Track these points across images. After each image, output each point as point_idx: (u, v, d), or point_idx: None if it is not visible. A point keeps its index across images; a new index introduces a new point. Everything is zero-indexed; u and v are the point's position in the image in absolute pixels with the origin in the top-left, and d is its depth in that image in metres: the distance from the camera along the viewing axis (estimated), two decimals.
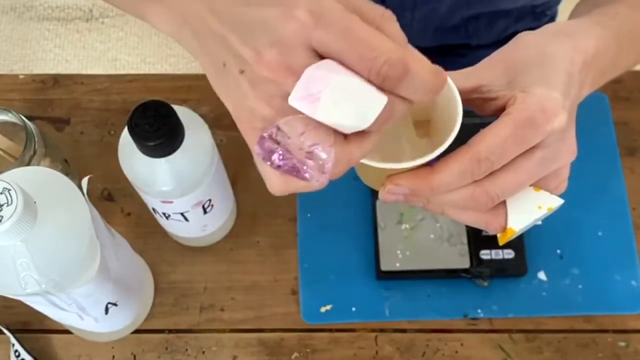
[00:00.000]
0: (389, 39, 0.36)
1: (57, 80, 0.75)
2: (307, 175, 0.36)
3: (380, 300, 0.66)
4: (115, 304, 0.58)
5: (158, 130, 0.50)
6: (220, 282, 0.68)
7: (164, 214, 0.60)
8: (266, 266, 0.68)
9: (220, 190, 0.62)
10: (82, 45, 1.70)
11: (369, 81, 0.35)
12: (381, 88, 0.35)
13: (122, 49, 1.69)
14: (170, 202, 0.57)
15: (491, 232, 0.47)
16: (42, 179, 0.50)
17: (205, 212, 0.61)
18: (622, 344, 0.65)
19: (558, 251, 0.68)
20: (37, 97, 0.75)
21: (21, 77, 0.76)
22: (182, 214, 0.59)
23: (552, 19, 0.89)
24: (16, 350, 0.64)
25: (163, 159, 0.52)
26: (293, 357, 0.65)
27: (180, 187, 0.55)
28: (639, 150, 0.72)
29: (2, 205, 0.43)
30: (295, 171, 0.36)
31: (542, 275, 0.67)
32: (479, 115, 0.49)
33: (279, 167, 0.36)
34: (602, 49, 0.48)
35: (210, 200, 0.60)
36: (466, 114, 0.50)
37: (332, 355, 0.65)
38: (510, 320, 0.66)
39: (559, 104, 0.43)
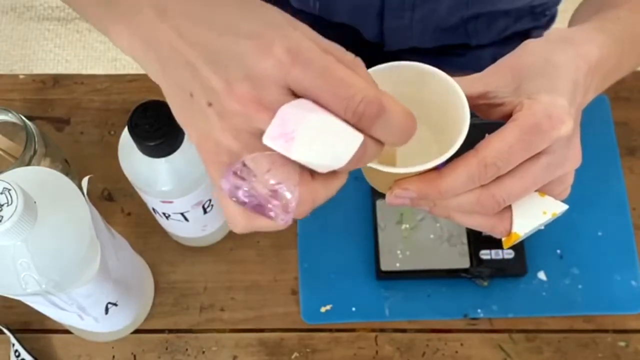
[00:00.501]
0: (364, 80, 0.36)
1: (57, 80, 0.75)
2: (272, 213, 0.35)
3: (380, 300, 0.66)
4: (115, 304, 0.58)
5: (158, 130, 0.50)
6: (220, 282, 0.68)
7: (164, 214, 0.60)
8: (266, 266, 0.68)
9: None
10: (82, 45, 1.70)
11: (345, 120, 0.35)
12: (356, 128, 0.35)
13: None
14: (170, 202, 0.57)
15: (496, 236, 0.47)
16: (42, 179, 0.50)
17: (205, 212, 0.61)
18: (622, 344, 0.65)
19: (558, 251, 0.68)
20: (37, 97, 0.75)
21: (21, 77, 0.76)
22: (182, 214, 0.59)
23: (552, 19, 0.89)
24: (16, 350, 0.64)
25: (163, 159, 0.52)
26: (293, 357, 0.65)
27: (180, 187, 0.55)
28: (639, 150, 0.72)
29: (2, 205, 0.43)
30: (260, 209, 0.36)
31: (542, 275, 0.67)
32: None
33: (244, 203, 0.35)
34: (605, 55, 0.48)
35: (210, 200, 0.60)
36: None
37: (332, 355, 0.65)
38: (510, 320, 0.66)
39: (565, 111, 0.43)
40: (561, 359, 0.65)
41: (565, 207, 0.46)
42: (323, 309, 0.66)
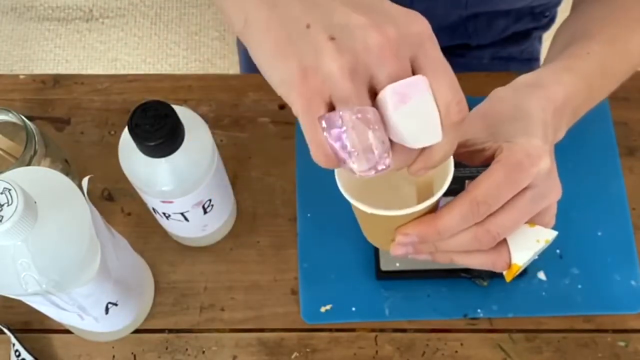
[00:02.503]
0: None
1: (57, 80, 0.76)
2: (354, 160, 0.38)
3: (380, 300, 0.66)
4: (115, 304, 0.58)
5: (158, 130, 0.50)
6: (220, 282, 0.68)
7: (164, 214, 0.60)
8: (266, 266, 0.68)
9: (220, 190, 0.62)
10: (83, 46, 1.70)
11: (441, 110, 0.39)
12: (445, 122, 0.39)
13: (122, 49, 1.70)
14: (171, 202, 0.57)
15: (498, 271, 0.51)
16: (42, 179, 0.50)
17: (205, 212, 0.61)
18: (622, 343, 0.65)
19: (558, 251, 0.68)
20: (38, 97, 0.75)
21: (21, 77, 0.76)
22: (182, 214, 0.59)
23: (552, 19, 0.89)
24: (16, 350, 0.64)
25: (163, 159, 0.52)
26: (293, 357, 0.65)
27: (180, 187, 0.55)
28: (638, 150, 0.72)
29: (3, 205, 0.43)
30: (347, 155, 0.38)
31: (541, 275, 0.67)
32: None
33: (333, 141, 0.38)
34: (571, 94, 0.52)
35: (210, 200, 0.60)
36: None
37: (332, 355, 0.65)
38: (510, 320, 0.66)
39: (541, 149, 0.48)
40: (561, 359, 0.65)
41: (555, 233, 0.51)
42: (323, 309, 0.66)
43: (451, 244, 0.49)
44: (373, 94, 0.39)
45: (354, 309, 0.66)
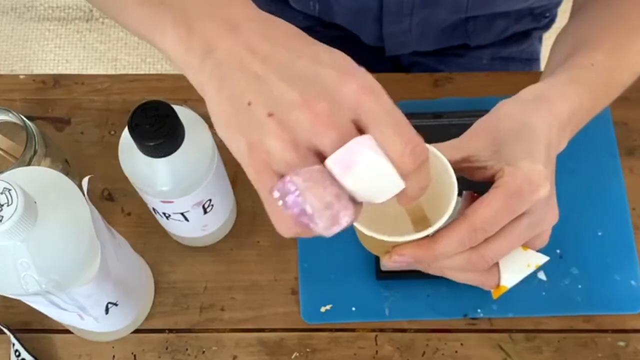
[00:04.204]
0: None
1: (57, 80, 0.76)
2: (314, 223, 0.38)
3: (380, 300, 0.66)
4: (115, 304, 0.58)
5: (158, 130, 0.50)
6: (220, 282, 0.68)
7: (164, 214, 0.60)
8: (266, 266, 0.68)
9: (220, 190, 0.62)
10: (83, 46, 1.70)
11: (394, 160, 0.38)
12: (401, 170, 0.39)
13: (122, 49, 1.70)
14: (171, 202, 0.57)
15: (486, 289, 0.53)
16: (42, 179, 0.50)
17: (205, 212, 0.61)
18: (622, 343, 0.65)
19: (558, 251, 0.68)
20: (38, 97, 0.75)
21: (22, 77, 0.76)
22: (182, 214, 0.59)
23: (552, 20, 0.89)
24: (16, 350, 0.64)
25: (163, 159, 0.52)
26: (293, 356, 0.65)
27: (180, 187, 0.55)
28: (638, 150, 0.72)
29: (3, 205, 0.43)
30: (306, 218, 0.38)
31: (541, 275, 0.67)
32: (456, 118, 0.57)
33: (292, 210, 0.38)
34: (577, 106, 0.53)
35: (210, 200, 0.60)
36: (441, 115, 0.62)
37: (332, 355, 0.65)
38: (510, 320, 0.66)
39: (542, 176, 0.48)
40: (561, 359, 0.65)
41: (546, 258, 0.53)
42: (323, 309, 0.66)
43: (445, 264, 0.50)
44: (323, 157, 0.39)
45: (354, 309, 0.66)
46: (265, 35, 0.40)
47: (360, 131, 0.38)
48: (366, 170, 0.37)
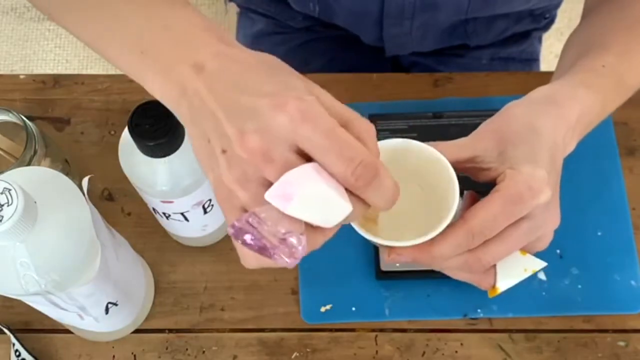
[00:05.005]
0: (364, 145, 0.39)
1: (57, 80, 0.76)
2: (275, 257, 0.39)
3: (380, 300, 0.66)
4: (115, 304, 0.58)
5: (158, 130, 0.50)
6: (220, 282, 0.68)
7: (164, 213, 0.60)
8: None
9: None
10: (83, 46, 1.69)
11: (341, 182, 0.38)
12: (349, 190, 0.39)
13: None
14: (171, 202, 0.57)
15: (481, 289, 0.54)
16: (42, 179, 0.50)
17: (205, 212, 0.61)
18: (622, 343, 0.65)
19: (558, 251, 0.68)
20: (38, 97, 0.75)
21: (22, 77, 0.76)
22: (182, 214, 0.59)
23: (551, 20, 0.89)
24: (17, 350, 0.64)
25: (163, 159, 0.52)
26: (293, 356, 0.65)
27: (180, 187, 0.55)
28: (638, 150, 0.72)
29: (3, 205, 0.43)
30: (266, 252, 0.39)
31: (541, 275, 0.67)
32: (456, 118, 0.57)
33: (250, 246, 0.39)
34: (587, 109, 0.53)
35: (210, 200, 0.60)
36: (441, 115, 0.61)
37: (332, 355, 0.65)
38: (510, 320, 0.66)
39: (543, 182, 0.48)
40: (561, 359, 0.65)
41: (543, 264, 0.53)
42: (323, 309, 0.66)
43: (442, 264, 0.51)
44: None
45: (354, 309, 0.66)
46: (222, 73, 0.41)
47: (308, 158, 0.39)
48: (306, 200, 0.38)
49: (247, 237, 0.38)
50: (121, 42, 0.46)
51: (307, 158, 0.39)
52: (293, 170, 0.38)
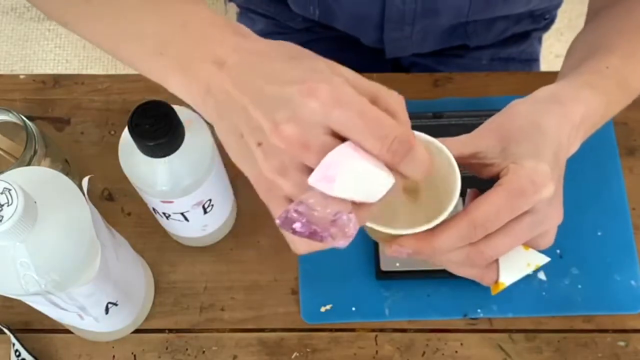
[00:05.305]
0: (396, 121, 0.40)
1: (57, 80, 0.76)
2: (328, 239, 0.40)
3: (380, 300, 0.66)
4: (115, 304, 0.58)
5: (158, 130, 0.50)
6: (220, 282, 0.68)
7: (164, 213, 0.60)
8: (266, 266, 0.68)
9: (220, 190, 0.62)
10: (83, 46, 1.70)
11: (379, 158, 0.39)
12: (387, 164, 0.39)
13: None
14: (171, 202, 0.57)
15: (484, 285, 0.53)
16: (42, 179, 0.50)
17: (205, 212, 0.61)
18: (622, 343, 0.65)
19: (558, 251, 0.68)
20: (38, 97, 0.75)
21: (22, 77, 0.76)
22: (182, 214, 0.59)
23: (551, 21, 0.89)
24: (17, 350, 0.64)
25: (163, 159, 0.52)
26: (293, 356, 0.65)
27: (180, 187, 0.55)
28: (638, 150, 0.72)
29: (3, 205, 0.43)
30: (316, 236, 0.40)
31: (541, 275, 0.67)
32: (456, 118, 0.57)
33: (300, 234, 0.39)
34: (591, 110, 0.53)
35: (210, 200, 0.60)
36: (441, 115, 0.62)
37: (332, 355, 0.65)
38: (510, 320, 0.66)
39: (547, 176, 0.48)
40: (561, 359, 0.65)
41: (547, 259, 0.53)
42: (323, 309, 0.66)
43: (444, 258, 0.50)
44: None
45: (354, 309, 0.66)
46: (244, 65, 0.41)
47: (343, 138, 0.39)
48: (349, 178, 0.38)
49: (297, 226, 0.39)
50: (140, 45, 0.46)
51: (341, 138, 0.39)
52: (331, 153, 0.38)
